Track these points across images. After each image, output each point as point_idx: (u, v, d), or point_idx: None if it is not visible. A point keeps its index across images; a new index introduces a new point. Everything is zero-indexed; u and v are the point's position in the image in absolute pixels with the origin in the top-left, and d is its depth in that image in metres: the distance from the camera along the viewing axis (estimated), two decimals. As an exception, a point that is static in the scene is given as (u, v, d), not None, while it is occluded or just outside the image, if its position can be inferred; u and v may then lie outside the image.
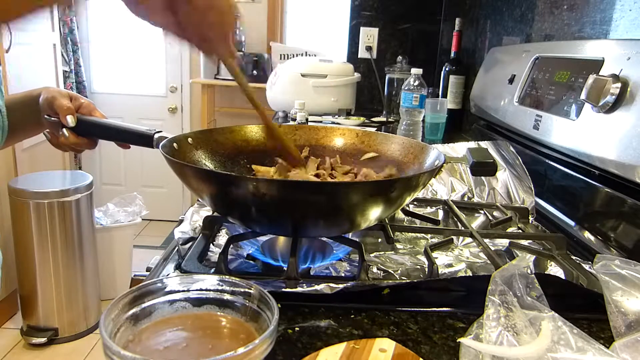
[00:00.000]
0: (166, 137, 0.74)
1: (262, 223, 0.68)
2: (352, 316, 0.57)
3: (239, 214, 0.68)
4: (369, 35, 2.29)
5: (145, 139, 0.77)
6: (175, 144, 0.74)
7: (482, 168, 0.77)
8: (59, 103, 0.77)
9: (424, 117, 1.56)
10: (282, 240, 0.76)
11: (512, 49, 1.33)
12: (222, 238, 0.79)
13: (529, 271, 0.53)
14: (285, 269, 0.64)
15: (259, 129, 0.88)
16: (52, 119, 0.78)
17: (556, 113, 0.96)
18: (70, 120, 0.76)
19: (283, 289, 0.59)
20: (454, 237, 0.81)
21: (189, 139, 0.79)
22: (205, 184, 0.65)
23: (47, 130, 0.81)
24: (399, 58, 2.06)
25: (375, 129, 1.82)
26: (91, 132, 0.80)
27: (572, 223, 0.92)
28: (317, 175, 0.79)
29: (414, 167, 0.80)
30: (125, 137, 0.80)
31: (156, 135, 0.76)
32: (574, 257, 0.73)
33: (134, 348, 0.44)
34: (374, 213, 0.64)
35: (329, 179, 0.79)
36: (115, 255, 2.52)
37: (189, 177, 0.65)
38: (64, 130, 0.77)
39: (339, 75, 2.07)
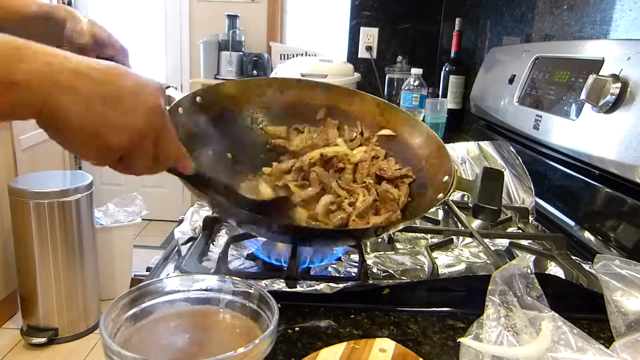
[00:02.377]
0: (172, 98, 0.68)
1: (263, 236, 0.70)
2: (352, 316, 0.57)
3: (238, 224, 0.69)
4: (369, 35, 2.29)
5: None
6: (180, 109, 0.68)
7: (483, 214, 0.70)
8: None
9: (424, 117, 1.56)
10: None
11: (512, 49, 1.33)
12: (222, 238, 0.79)
13: (529, 271, 0.53)
14: (286, 268, 0.64)
15: (276, 83, 0.83)
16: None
17: (556, 113, 0.96)
18: None
19: (283, 289, 0.59)
20: (454, 237, 0.81)
21: (197, 99, 0.72)
22: (204, 200, 0.64)
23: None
24: (399, 58, 2.06)
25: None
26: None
27: (572, 223, 0.92)
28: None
29: (425, 166, 0.76)
30: None
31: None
32: (574, 257, 0.73)
33: (133, 347, 0.44)
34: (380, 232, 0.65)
35: (344, 190, 0.75)
36: (115, 255, 2.52)
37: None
38: None
39: (339, 75, 2.07)
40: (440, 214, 0.96)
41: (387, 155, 0.81)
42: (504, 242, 0.83)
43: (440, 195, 0.67)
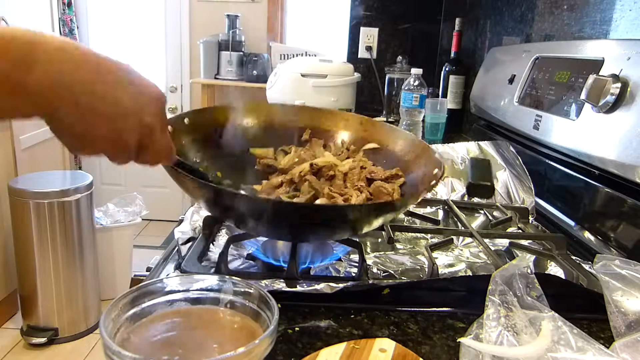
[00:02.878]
0: None
1: (259, 231, 0.69)
2: (352, 316, 0.57)
3: (234, 222, 0.69)
4: (369, 35, 2.29)
5: None
6: (169, 127, 0.72)
7: (478, 190, 0.75)
8: None
9: (424, 117, 1.56)
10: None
11: (512, 49, 1.33)
12: (222, 238, 0.79)
13: (529, 271, 0.53)
14: (285, 268, 0.64)
15: (260, 107, 0.86)
16: None
17: (556, 113, 0.96)
18: None
19: (283, 289, 0.59)
20: (454, 237, 0.81)
21: (185, 120, 0.76)
22: (200, 194, 0.64)
23: None
24: (399, 58, 2.06)
25: (375, 129, 1.82)
26: None
27: (572, 223, 0.92)
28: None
29: (412, 169, 0.79)
30: None
31: None
32: (574, 257, 0.73)
33: (133, 347, 0.44)
34: (376, 224, 0.65)
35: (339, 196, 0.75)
36: (115, 255, 2.52)
37: (184, 183, 0.65)
38: None
39: (339, 75, 2.07)
40: (440, 214, 0.96)
41: (374, 165, 0.83)
42: (504, 242, 0.83)
43: (434, 181, 0.69)
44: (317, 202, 0.72)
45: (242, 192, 0.74)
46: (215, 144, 0.80)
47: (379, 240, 0.81)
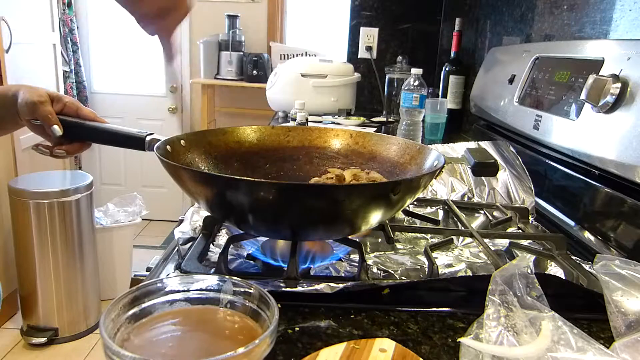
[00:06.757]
0: (159, 140, 0.73)
1: (260, 227, 0.68)
2: (352, 316, 0.57)
3: (235, 218, 0.68)
4: (369, 35, 2.29)
5: (136, 142, 0.76)
6: (168, 146, 0.73)
7: (484, 168, 0.77)
8: (41, 112, 0.74)
9: (424, 117, 1.56)
10: (282, 240, 0.76)
11: (512, 49, 1.33)
12: (222, 238, 0.79)
13: (529, 271, 0.53)
14: (285, 269, 0.64)
15: (252, 130, 0.88)
16: (37, 121, 0.76)
17: (556, 113, 0.96)
18: (57, 130, 0.75)
19: (283, 289, 0.59)
20: (454, 237, 0.81)
21: (182, 141, 0.78)
22: (200, 186, 0.64)
23: (42, 146, 0.79)
24: (399, 58, 2.06)
25: (375, 129, 1.82)
26: (80, 135, 0.78)
27: (572, 223, 0.92)
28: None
29: (411, 169, 0.79)
30: (116, 140, 0.78)
31: (148, 138, 0.75)
32: (574, 257, 0.73)
33: (133, 347, 0.44)
34: (375, 216, 0.64)
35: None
36: (115, 255, 2.52)
37: (184, 179, 0.65)
38: (54, 131, 0.76)
39: (339, 75, 2.07)
40: (440, 214, 0.96)
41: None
42: (504, 242, 0.83)
43: (437, 162, 0.71)
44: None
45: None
46: (210, 165, 0.82)
47: (379, 240, 0.81)
